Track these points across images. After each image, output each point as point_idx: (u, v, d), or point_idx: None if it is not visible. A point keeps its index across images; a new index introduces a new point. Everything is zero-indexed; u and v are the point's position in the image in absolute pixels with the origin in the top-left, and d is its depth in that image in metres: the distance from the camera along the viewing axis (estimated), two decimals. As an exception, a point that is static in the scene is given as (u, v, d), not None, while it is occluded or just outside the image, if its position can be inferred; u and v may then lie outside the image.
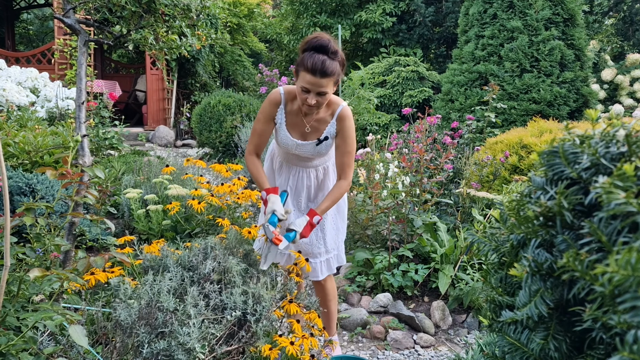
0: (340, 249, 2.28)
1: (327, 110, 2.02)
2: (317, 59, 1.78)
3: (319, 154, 2.07)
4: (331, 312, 2.38)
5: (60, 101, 6.41)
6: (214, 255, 1.71)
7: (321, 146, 2.04)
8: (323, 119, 2.03)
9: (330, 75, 1.81)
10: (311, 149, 2.05)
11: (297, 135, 2.06)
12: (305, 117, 2.02)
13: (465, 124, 4.79)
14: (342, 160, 2.03)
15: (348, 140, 2.02)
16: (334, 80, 1.84)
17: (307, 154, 2.08)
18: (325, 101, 1.90)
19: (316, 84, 1.81)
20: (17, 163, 3.83)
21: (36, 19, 16.99)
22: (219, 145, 7.18)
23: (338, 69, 1.84)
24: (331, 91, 1.89)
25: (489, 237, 0.95)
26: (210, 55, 10.26)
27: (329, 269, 2.23)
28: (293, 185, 2.19)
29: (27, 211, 1.44)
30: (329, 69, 1.79)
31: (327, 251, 2.20)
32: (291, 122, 2.05)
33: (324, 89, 1.83)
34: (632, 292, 0.55)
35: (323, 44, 1.80)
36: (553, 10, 5.97)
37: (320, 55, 1.80)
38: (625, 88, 8.79)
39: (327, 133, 2.03)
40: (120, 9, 2.08)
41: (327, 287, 2.32)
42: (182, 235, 3.10)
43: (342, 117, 2.00)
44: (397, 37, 10.52)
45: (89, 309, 1.60)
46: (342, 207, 2.25)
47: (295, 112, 2.04)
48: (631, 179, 0.62)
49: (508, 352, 0.82)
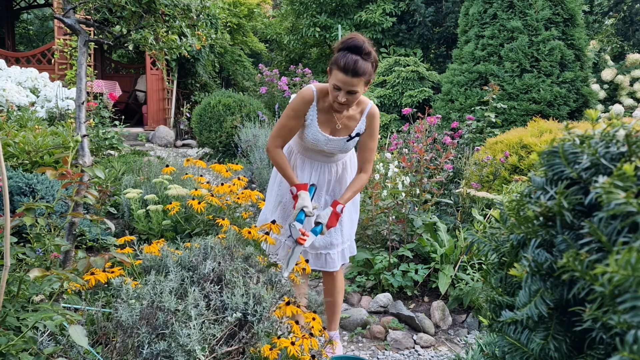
0: (352, 239, 2.37)
1: (357, 108, 2.11)
2: (350, 59, 1.84)
3: (345, 149, 2.15)
4: (337, 304, 2.43)
5: (60, 101, 6.41)
6: (214, 255, 1.71)
7: (350, 142, 2.13)
8: (353, 117, 2.11)
9: (361, 75, 1.87)
10: (340, 145, 2.13)
11: (327, 131, 2.13)
12: (336, 114, 2.09)
13: (465, 124, 4.79)
14: (365, 156, 2.15)
15: (374, 138, 2.14)
16: (365, 80, 1.90)
17: (335, 150, 2.15)
18: (356, 100, 1.97)
19: (348, 82, 1.87)
20: (17, 163, 3.83)
21: (36, 19, 16.99)
22: (219, 145, 7.18)
23: (370, 70, 1.90)
24: (362, 91, 1.94)
25: (489, 237, 0.95)
26: (210, 55, 10.25)
27: (343, 258, 2.30)
28: (316, 180, 2.25)
29: (27, 211, 1.44)
30: (361, 69, 1.85)
31: (343, 242, 2.28)
32: (322, 119, 2.12)
33: (354, 88, 1.89)
34: (632, 292, 0.55)
35: (357, 44, 1.86)
36: (553, 10, 5.97)
37: (353, 55, 1.85)
38: (625, 88, 8.79)
39: (357, 130, 2.12)
40: (120, 9, 2.08)
41: (338, 278, 2.38)
42: (182, 235, 3.10)
43: (372, 115, 2.11)
44: (397, 37, 10.53)
45: (89, 309, 1.60)
46: (357, 200, 2.34)
47: (327, 110, 2.10)
48: (631, 179, 0.62)
49: (508, 352, 0.82)
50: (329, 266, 2.25)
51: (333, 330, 2.45)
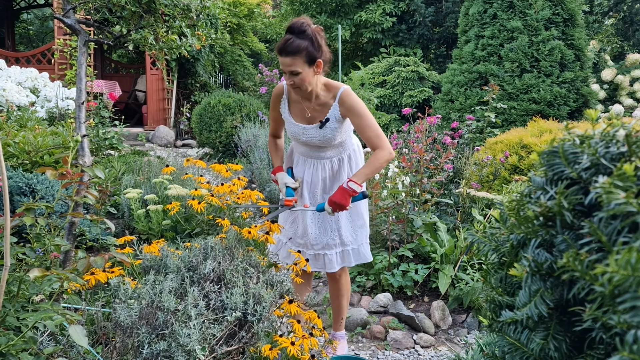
0: (361, 244, 2.28)
1: (329, 94, 2.09)
2: (282, 40, 1.91)
3: (324, 138, 2.11)
4: (342, 307, 2.41)
5: (60, 101, 6.41)
6: (214, 255, 1.71)
7: (326, 130, 2.09)
8: (325, 103, 2.10)
9: (294, 54, 1.88)
10: (317, 134, 2.11)
11: (302, 121, 2.15)
12: (305, 102, 2.11)
13: (465, 124, 4.79)
14: (367, 135, 2.04)
15: (362, 115, 2.04)
16: (302, 59, 1.90)
17: (315, 140, 2.13)
18: (303, 81, 1.95)
19: (283, 63, 1.92)
20: (17, 163, 3.83)
21: (36, 19, 16.99)
22: (219, 145, 7.18)
23: (304, 46, 1.89)
24: (304, 70, 1.93)
25: (489, 237, 0.96)
26: (210, 55, 10.25)
27: (344, 261, 2.25)
28: (309, 178, 2.23)
29: (27, 211, 1.44)
30: (292, 46, 1.87)
31: (342, 243, 2.23)
32: (295, 110, 2.16)
33: (293, 68, 1.91)
34: (632, 292, 0.55)
35: (292, 25, 1.91)
36: (553, 10, 5.97)
37: (287, 35, 1.91)
38: (625, 88, 8.79)
39: (330, 115, 2.08)
40: (120, 9, 2.08)
41: (341, 281, 2.36)
42: (182, 235, 3.10)
43: (343, 98, 2.05)
44: (397, 37, 10.53)
45: (89, 309, 1.60)
46: (360, 205, 2.25)
47: (298, 100, 2.14)
48: (631, 179, 0.62)
49: (508, 352, 0.82)
50: (327, 267, 2.23)
51: (338, 331, 2.46)
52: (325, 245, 2.21)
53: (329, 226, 2.21)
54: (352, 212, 2.26)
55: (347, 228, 2.23)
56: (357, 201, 2.07)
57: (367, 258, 2.29)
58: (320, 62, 1.97)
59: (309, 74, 1.95)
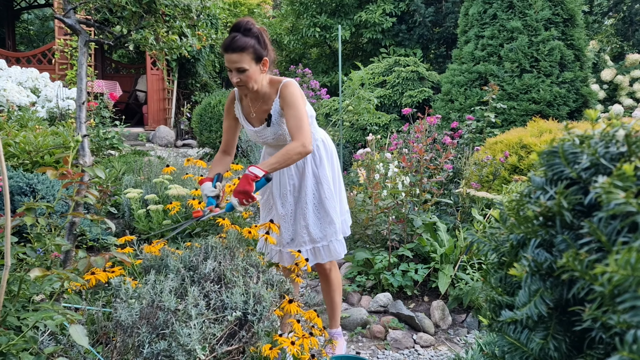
0: (330, 241, 2.24)
1: (272, 89, 2.08)
2: (228, 38, 1.91)
3: (277, 135, 2.12)
4: (335, 303, 2.42)
5: (60, 101, 6.41)
6: (215, 255, 1.71)
7: (274, 127, 2.10)
8: (269, 100, 2.10)
9: (241, 50, 1.88)
10: (268, 132, 2.12)
11: (255, 122, 2.16)
12: (252, 102, 2.12)
13: (465, 124, 4.79)
14: (289, 124, 2.01)
15: (291, 105, 2.01)
16: (248, 55, 1.91)
17: (269, 139, 2.15)
18: (250, 80, 1.95)
19: (230, 60, 1.91)
20: (18, 163, 3.83)
21: (37, 19, 16.99)
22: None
23: (251, 44, 1.90)
24: (251, 67, 1.93)
25: (489, 237, 0.96)
26: (210, 55, 10.26)
27: (316, 258, 2.24)
28: (277, 178, 2.23)
29: (28, 211, 1.44)
30: (238, 43, 1.88)
31: (312, 240, 2.22)
32: (246, 113, 2.17)
33: (239, 65, 1.91)
34: (632, 292, 0.55)
35: (237, 24, 1.93)
36: (553, 10, 5.97)
37: (232, 33, 1.92)
38: (624, 88, 8.79)
39: (272, 111, 2.09)
40: (120, 9, 2.09)
41: (331, 276, 2.36)
42: (183, 235, 3.10)
43: (282, 91, 2.04)
44: (397, 37, 10.52)
45: (89, 309, 1.61)
46: (323, 198, 2.21)
47: (247, 102, 2.15)
48: (631, 179, 0.62)
49: (508, 352, 0.82)
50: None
51: (335, 328, 2.46)
52: (297, 243, 2.22)
53: (299, 224, 2.22)
54: (318, 209, 2.23)
55: (316, 225, 2.22)
56: (261, 186, 1.95)
57: (339, 254, 2.27)
58: (267, 60, 1.98)
59: (256, 71, 1.96)
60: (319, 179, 2.20)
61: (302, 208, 2.20)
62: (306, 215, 2.20)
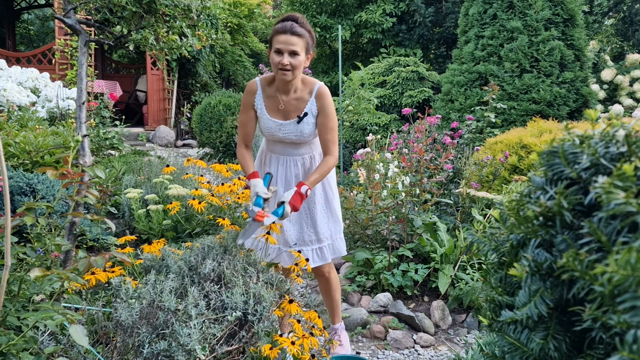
0: (336, 239, 2.29)
1: (305, 88, 2.12)
2: (286, 22, 1.99)
3: (301, 134, 2.12)
4: (336, 302, 2.43)
5: (61, 101, 6.41)
6: (214, 255, 1.71)
7: (303, 125, 2.10)
8: (302, 98, 2.11)
9: (300, 35, 1.97)
10: (293, 129, 2.12)
11: (278, 117, 2.15)
12: (282, 96, 2.12)
13: (465, 124, 4.79)
14: (327, 137, 2.11)
15: (330, 117, 2.11)
16: (303, 43, 1.99)
17: (291, 136, 2.14)
18: (299, 66, 1.99)
19: (288, 41, 1.96)
20: (18, 163, 3.83)
21: (37, 19, 17.00)
22: (219, 145, 7.18)
23: (307, 35, 2.00)
24: (302, 55, 2.00)
25: (489, 237, 0.96)
26: (210, 55, 10.26)
27: (321, 258, 2.26)
28: (282, 175, 2.22)
29: (28, 211, 1.44)
30: (297, 29, 1.97)
31: (318, 240, 2.24)
32: (270, 105, 2.15)
33: (295, 48, 1.97)
34: (632, 292, 0.55)
35: (292, 15, 2.03)
36: (553, 10, 5.97)
37: (288, 21, 2.00)
38: (624, 88, 8.79)
39: (307, 110, 2.10)
40: (120, 9, 2.09)
41: (330, 278, 2.37)
42: (183, 235, 3.10)
43: (321, 94, 2.10)
44: (397, 37, 10.52)
45: (89, 309, 1.61)
46: (331, 198, 2.27)
47: (273, 94, 2.13)
48: (631, 179, 0.62)
49: (508, 352, 0.82)
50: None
51: (337, 323, 2.47)
52: (302, 242, 2.23)
53: (305, 223, 2.23)
54: (326, 209, 2.26)
55: (323, 224, 2.25)
56: None
57: (341, 252, 2.31)
58: (311, 55, 2.07)
59: (303, 61, 2.01)
60: (328, 180, 2.25)
61: (311, 209, 2.22)
62: (315, 215, 2.22)
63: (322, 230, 2.23)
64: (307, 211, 2.22)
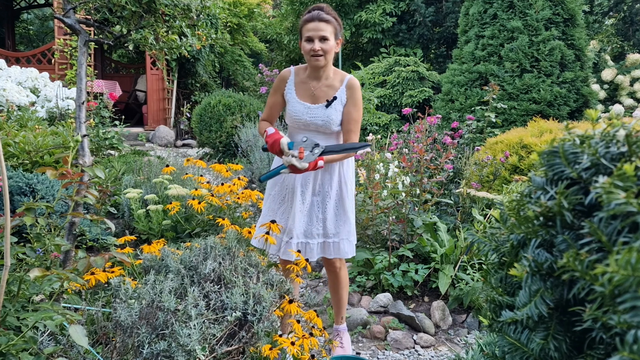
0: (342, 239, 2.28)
1: (336, 77, 2.22)
2: (313, 12, 2.12)
3: (328, 119, 2.17)
4: (342, 300, 2.44)
5: (60, 101, 6.41)
6: (214, 255, 1.71)
7: (331, 110, 2.17)
8: (332, 86, 2.21)
9: (327, 22, 2.09)
10: (321, 113, 2.18)
11: (307, 100, 2.22)
12: (313, 82, 2.21)
13: (466, 124, 4.79)
14: (350, 127, 2.20)
15: (357, 107, 2.21)
16: (332, 28, 2.10)
17: (318, 120, 2.18)
18: (329, 50, 2.11)
19: (317, 28, 2.08)
20: (18, 163, 3.83)
21: (36, 19, 17.00)
22: (219, 145, 7.18)
23: (334, 21, 2.12)
24: (332, 40, 2.11)
25: (489, 237, 0.96)
26: (210, 55, 10.26)
27: (323, 252, 2.26)
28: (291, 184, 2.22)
29: (28, 211, 1.44)
30: (324, 16, 2.10)
31: (325, 234, 2.25)
32: (301, 91, 2.24)
33: (323, 33, 2.08)
34: (632, 292, 0.55)
35: (317, 6, 2.15)
36: (553, 10, 5.97)
37: (315, 10, 2.13)
38: (625, 88, 8.79)
39: (337, 94, 2.19)
40: (120, 9, 2.08)
41: (340, 274, 2.38)
42: (182, 235, 3.10)
43: (351, 85, 2.20)
44: (397, 37, 10.52)
45: (89, 309, 1.60)
46: (344, 196, 2.27)
47: (305, 80, 2.23)
48: (631, 179, 0.62)
49: (508, 352, 0.82)
50: (307, 255, 2.24)
51: (341, 324, 2.47)
52: (309, 234, 2.24)
53: (315, 216, 2.24)
54: (338, 206, 2.27)
55: (332, 221, 2.26)
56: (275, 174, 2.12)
57: (346, 254, 2.30)
58: (340, 40, 2.18)
59: (333, 46, 2.13)
60: (345, 178, 2.27)
61: (324, 202, 2.24)
62: (325, 210, 2.24)
63: (329, 226, 2.25)
64: (320, 204, 2.24)
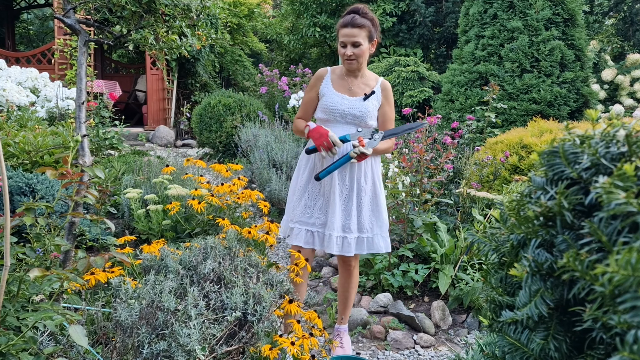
0: (376, 234, 2.32)
1: (371, 77, 2.34)
2: (347, 16, 2.19)
3: (366, 110, 2.25)
4: (350, 300, 2.46)
5: (60, 101, 6.41)
6: (214, 255, 1.71)
7: (368, 102, 2.26)
8: (369, 84, 2.31)
9: (360, 27, 2.14)
10: (358, 104, 2.25)
11: (345, 93, 2.29)
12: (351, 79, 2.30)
13: (466, 124, 4.79)
14: (387, 126, 2.34)
15: (392, 107, 2.35)
16: (365, 33, 2.16)
17: (355, 111, 2.25)
18: (362, 54, 2.19)
19: (349, 34, 2.15)
20: (17, 163, 3.83)
21: (36, 19, 16.99)
22: (219, 145, 7.18)
23: (368, 24, 2.17)
24: (365, 44, 2.18)
25: (489, 237, 0.95)
26: (210, 55, 10.25)
27: (360, 248, 2.29)
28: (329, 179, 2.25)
29: (27, 211, 1.44)
30: (357, 21, 2.15)
31: (360, 229, 2.29)
32: (337, 84, 2.32)
33: (356, 39, 2.15)
34: (632, 292, 0.55)
35: (355, 8, 2.21)
36: (553, 10, 5.97)
37: (351, 14, 2.19)
38: (625, 88, 8.79)
39: (375, 89, 2.30)
40: (120, 9, 2.08)
41: (353, 273, 2.41)
42: (182, 235, 3.10)
43: (386, 86, 2.34)
44: (397, 37, 10.52)
45: (89, 309, 1.60)
46: (378, 192, 2.33)
47: (342, 77, 2.31)
48: (631, 179, 0.62)
49: (508, 352, 0.82)
50: (344, 250, 2.26)
51: (343, 325, 2.47)
52: (347, 229, 2.27)
53: (352, 211, 2.27)
54: (372, 201, 2.32)
55: (367, 215, 2.30)
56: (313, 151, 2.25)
57: (380, 248, 2.34)
58: (376, 41, 2.25)
59: (367, 49, 2.20)
60: (377, 174, 2.34)
61: (360, 197, 2.28)
62: (361, 204, 2.28)
63: (365, 222, 2.29)
64: (356, 199, 2.27)
